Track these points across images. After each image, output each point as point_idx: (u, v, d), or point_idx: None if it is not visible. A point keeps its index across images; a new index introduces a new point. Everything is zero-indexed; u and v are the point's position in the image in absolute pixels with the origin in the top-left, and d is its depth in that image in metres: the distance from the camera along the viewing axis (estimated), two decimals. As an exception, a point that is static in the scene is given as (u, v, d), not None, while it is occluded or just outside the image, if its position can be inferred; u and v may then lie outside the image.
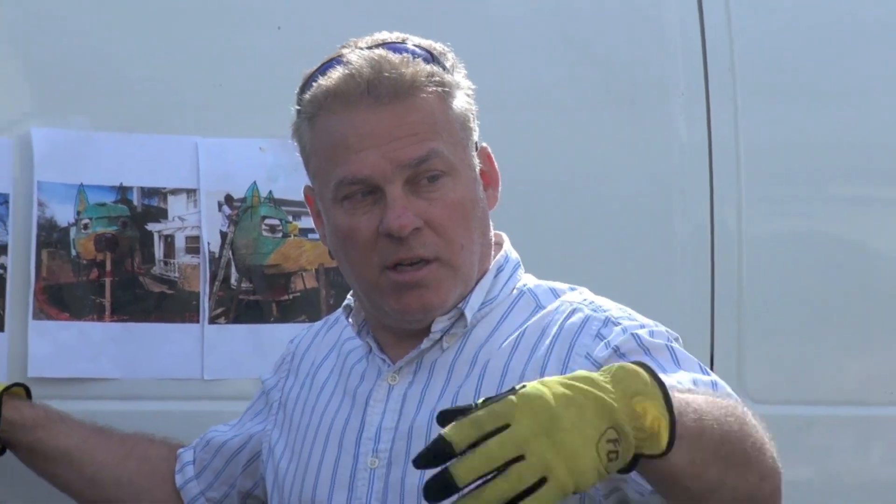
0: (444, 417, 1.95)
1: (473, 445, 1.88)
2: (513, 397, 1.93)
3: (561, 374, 2.22)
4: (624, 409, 2.00)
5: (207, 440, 2.90)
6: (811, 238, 3.60)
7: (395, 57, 2.45)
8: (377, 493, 2.51)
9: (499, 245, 2.64)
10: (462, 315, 2.52)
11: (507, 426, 1.88)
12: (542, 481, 1.88)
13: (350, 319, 2.64)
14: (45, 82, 3.08)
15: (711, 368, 3.25)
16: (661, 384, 2.02)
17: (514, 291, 2.60)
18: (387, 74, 2.43)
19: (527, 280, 2.65)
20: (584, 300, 2.57)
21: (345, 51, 2.51)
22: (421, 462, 1.88)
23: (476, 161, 2.55)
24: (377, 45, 2.49)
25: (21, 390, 2.85)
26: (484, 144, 2.61)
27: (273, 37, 3.15)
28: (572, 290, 2.62)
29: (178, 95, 3.12)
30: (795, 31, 3.59)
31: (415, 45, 2.52)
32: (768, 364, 3.47)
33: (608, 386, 2.01)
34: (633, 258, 3.35)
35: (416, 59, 2.47)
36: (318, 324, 2.84)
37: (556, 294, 2.59)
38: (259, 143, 3.11)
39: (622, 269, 3.26)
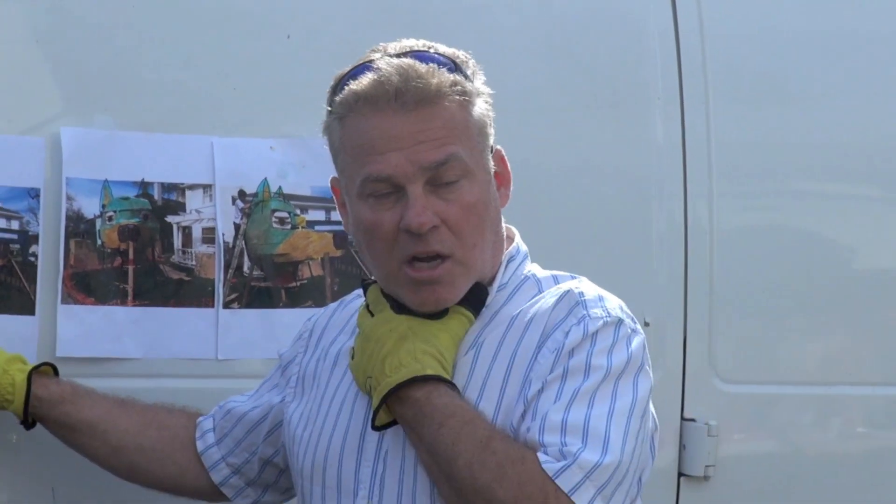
0: None
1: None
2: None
3: (534, 357, 2.49)
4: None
5: (227, 410, 2.90)
6: (777, 231, 3.61)
7: (421, 66, 2.47)
8: (383, 455, 2.54)
9: (510, 238, 2.65)
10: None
11: None
12: None
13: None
14: (73, 85, 3.06)
15: (685, 351, 3.39)
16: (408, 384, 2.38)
17: (517, 280, 2.61)
18: (413, 83, 2.45)
19: (534, 269, 2.66)
20: (578, 292, 2.55)
21: (374, 56, 2.52)
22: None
23: (491, 164, 2.56)
24: (405, 53, 2.51)
25: (49, 369, 2.86)
26: (498, 147, 2.62)
27: (283, 45, 3.14)
28: (572, 278, 2.64)
29: (195, 98, 3.12)
30: (762, 40, 3.58)
31: (440, 54, 2.54)
32: (737, 347, 3.47)
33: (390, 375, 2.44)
34: (614, 248, 3.34)
35: (441, 69, 2.49)
36: (333, 304, 2.84)
37: (556, 280, 2.61)
38: (270, 143, 3.11)
39: (604, 258, 3.23)
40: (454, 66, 2.53)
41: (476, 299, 2.58)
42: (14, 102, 3.00)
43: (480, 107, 2.55)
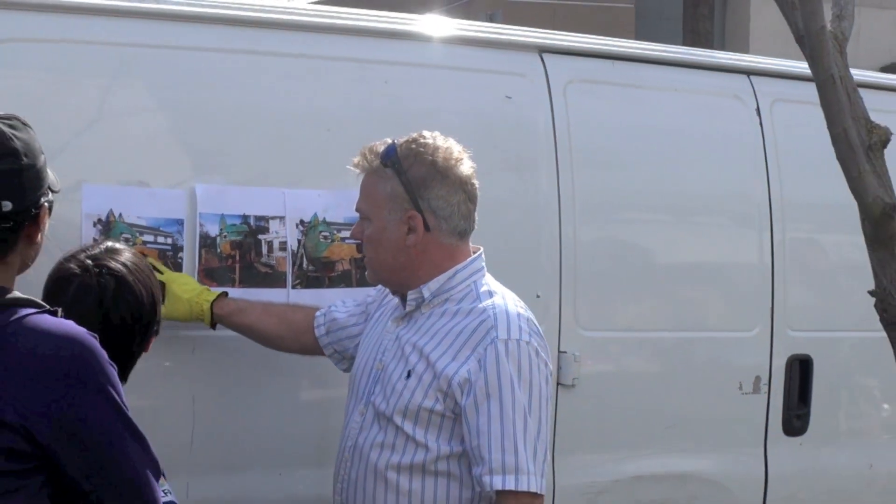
0: None
1: None
2: None
3: (459, 350, 2.48)
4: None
5: (333, 317, 2.88)
6: (615, 241, 3.59)
7: (368, 152, 2.58)
8: (375, 377, 2.61)
9: (468, 255, 2.59)
10: (422, 294, 2.57)
11: None
12: None
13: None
14: (202, 158, 3.06)
15: (560, 312, 3.36)
16: None
17: (465, 288, 2.57)
18: (360, 161, 2.59)
19: (486, 283, 2.59)
20: (496, 312, 2.49)
21: (386, 139, 2.57)
22: None
23: (394, 217, 2.57)
24: (402, 140, 2.56)
25: (224, 294, 2.90)
26: (416, 211, 2.57)
27: (324, 135, 3.14)
28: (494, 294, 2.56)
29: (275, 166, 3.11)
30: (606, 128, 3.56)
31: (391, 146, 2.56)
32: (590, 309, 3.45)
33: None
34: (519, 254, 3.32)
35: (373, 157, 2.58)
36: (380, 287, 2.81)
37: (490, 295, 2.54)
38: (318, 192, 3.10)
39: (514, 260, 3.20)
40: (388, 156, 2.53)
41: None
42: (167, 169, 3.02)
43: (389, 185, 2.52)
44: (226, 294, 2.90)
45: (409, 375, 2.51)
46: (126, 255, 2.54)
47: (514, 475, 2.37)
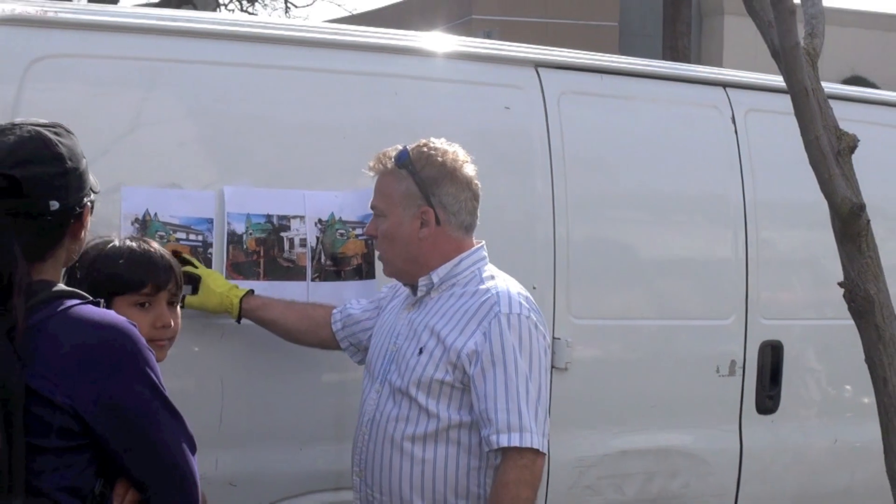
0: None
1: None
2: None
3: (466, 326, 2.51)
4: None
5: (349, 313, 2.90)
6: (602, 238, 3.56)
7: (382, 156, 2.60)
8: (391, 357, 2.63)
9: (472, 246, 2.64)
10: (431, 280, 2.61)
11: None
12: None
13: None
14: (229, 162, 3.06)
15: (554, 301, 3.33)
16: None
17: (469, 273, 2.61)
18: (375, 163, 2.61)
19: (487, 269, 2.62)
20: (498, 292, 2.53)
21: (397, 146, 2.61)
22: None
23: (409, 214, 2.61)
24: (413, 146, 2.61)
25: (251, 290, 2.91)
26: (430, 207, 2.61)
27: (341, 141, 3.15)
28: (496, 278, 2.60)
29: (296, 170, 3.11)
30: (595, 135, 3.54)
31: (403, 150, 2.60)
32: (582, 300, 3.44)
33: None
34: (517, 250, 3.31)
35: (388, 159, 2.60)
36: (393, 282, 2.84)
37: (492, 278, 2.59)
38: (334, 194, 3.11)
39: (512, 255, 3.18)
40: (401, 159, 2.57)
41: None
42: (198, 173, 3.03)
43: (405, 183, 2.56)
44: (252, 291, 2.92)
45: (420, 352, 2.54)
46: (155, 243, 2.55)
47: (518, 433, 2.40)
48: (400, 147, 2.61)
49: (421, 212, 2.57)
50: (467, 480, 2.51)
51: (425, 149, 2.59)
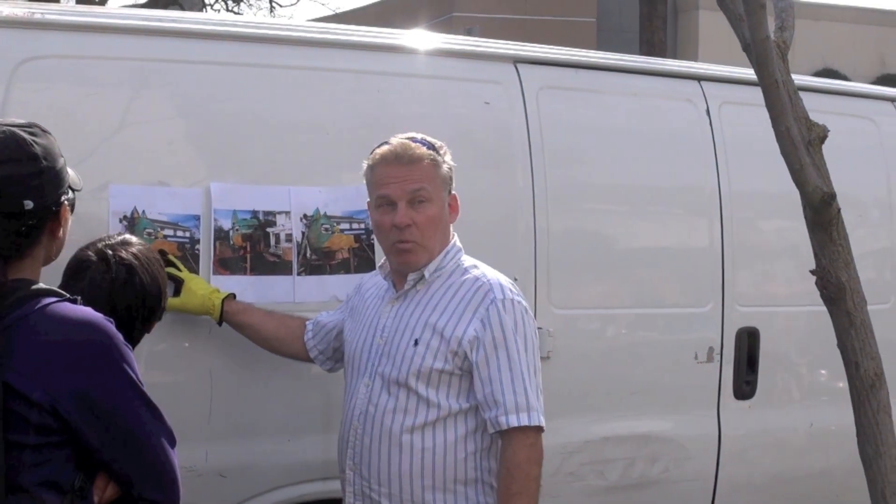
0: None
1: None
2: None
3: (461, 317, 2.52)
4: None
5: (319, 322, 2.91)
6: (580, 230, 3.56)
7: (412, 144, 2.58)
8: (379, 351, 2.62)
9: (449, 239, 2.66)
10: (423, 273, 2.61)
11: None
12: None
13: (380, 271, 2.73)
14: (215, 158, 3.03)
15: (535, 292, 3.33)
16: None
17: (453, 265, 2.64)
18: (408, 151, 2.57)
19: (465, 259, 2.66)
20: (489, 279, 2.57)
21: (392, 139, 2.62)
22: None
23: (446, 199, 2.63)
24: (406, 138, 2.62)
25: (232, 295, 2.90)
26: (455, 192, 2.65)
27: (324, 137, 3.14)
28: (479, 266, 2.63)
29: (282, 166, 3.09)
30: (573, 130, 3.54)
31: (424, 140, 2.62)
32: (562, 291, 3.43)
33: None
34: (498, 242, 3.31)
35: (422, 147, 2.59)
36: (371, 273, 2.88)
37: (476, 267, 2.63)
38: (318, 189, 3.09)
39: (494, 247, 3.18)
40: (431, 147, 2.61)
41: None
42: (185, 170, 3.00)
43: (444, 169, 2.61)
44: (234, 295, 2.92)
45: (416, 343, 2.54)
46: (137, 246, 2.55)
47: (526, 412, 2.46)
48: (414, 135, 2.63)
49: (452, 197, 2.62)
50: (465, 465, 2.53)
51: (428, 139, 2.63)
